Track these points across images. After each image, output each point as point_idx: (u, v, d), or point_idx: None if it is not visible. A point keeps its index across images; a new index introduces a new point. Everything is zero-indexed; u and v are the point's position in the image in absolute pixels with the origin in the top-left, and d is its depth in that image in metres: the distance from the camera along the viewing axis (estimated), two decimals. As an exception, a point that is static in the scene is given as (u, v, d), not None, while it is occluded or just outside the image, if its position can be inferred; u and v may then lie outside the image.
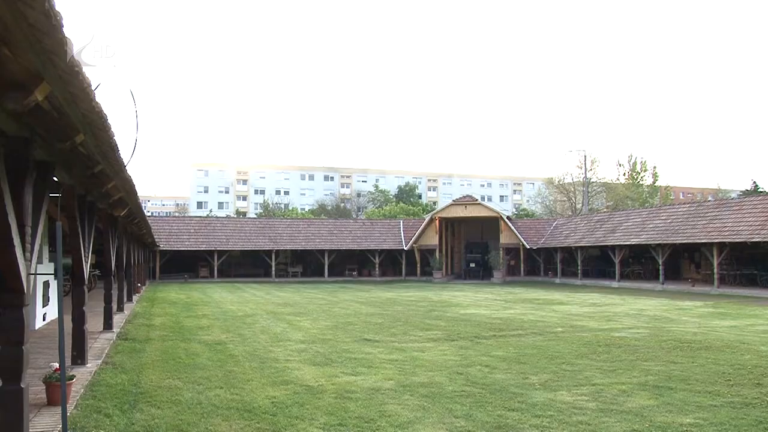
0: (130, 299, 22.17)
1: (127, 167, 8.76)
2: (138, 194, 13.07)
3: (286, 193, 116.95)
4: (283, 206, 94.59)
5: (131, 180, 10.23)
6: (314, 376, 9.48)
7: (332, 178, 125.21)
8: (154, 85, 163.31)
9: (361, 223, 54.57)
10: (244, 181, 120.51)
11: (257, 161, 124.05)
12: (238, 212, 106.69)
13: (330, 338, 14.06)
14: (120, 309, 18.25)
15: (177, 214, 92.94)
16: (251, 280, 44.07)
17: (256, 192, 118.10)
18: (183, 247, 44.39)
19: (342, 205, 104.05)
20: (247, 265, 48.04)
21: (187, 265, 45.43)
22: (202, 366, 10.34)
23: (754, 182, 71.05)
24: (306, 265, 49.16)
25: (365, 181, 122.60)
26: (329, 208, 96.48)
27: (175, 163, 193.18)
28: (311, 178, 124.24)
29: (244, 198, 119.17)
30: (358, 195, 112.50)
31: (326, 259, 46.80)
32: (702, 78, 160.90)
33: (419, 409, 7.53)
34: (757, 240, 28.96)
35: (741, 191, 73.11)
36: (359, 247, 48.27)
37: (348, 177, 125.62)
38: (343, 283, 42.31)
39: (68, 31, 3.37)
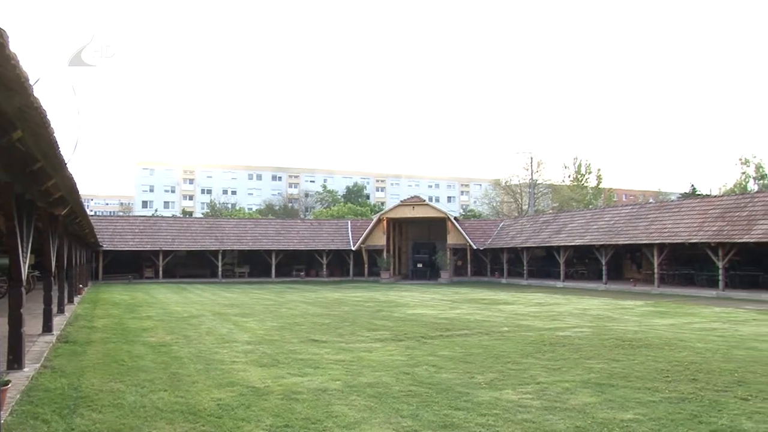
0: (71, 301, 21.66)
1: (68, 165, 8.54)
2: (80, 193, 12.77)
3: (234, 192, 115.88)
4: (230, 206, 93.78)
5: (72, 178, 9.98)
6: (260, 378, 9.40)
7: (280, 178, 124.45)
8: (97, 81, 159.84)
9: (309, 224, 54.42)
10: (191, 181, 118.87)
11: (204, 160, 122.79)
12: (184, 212, 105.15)
13: (277, 339, 13.96)
14: (60, 311, 17.81)
15: (121, 214, 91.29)
16: (197, 281, 43.49)
17: (202, 191, 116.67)
18: (127, 247, 43.60)
19: (290, 205, 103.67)
20: (194, 265, 47.36)
21: (132, 265, 44.61)
22: (146, 368, 10.15)
23: (693, 185, 73.11)
24: (253, 265, 48.71)
25: (313, 181, 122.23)
26: (277, 208, 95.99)
27: (119, 161, 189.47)
28: (259, 177, 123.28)
29: (191, 197, 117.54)
30: (306, 195, 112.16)
31: (273, 259, 46.47)
32: (645, 84, 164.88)
33: (366, 409, 7.52)
34: (695, 241, 29.82)
35: (680, 194, 75.13)
36: (307, 247, 48.08)
37: (296, 177, 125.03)
38: (290, 284, 42.07)
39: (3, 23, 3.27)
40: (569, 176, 77.57)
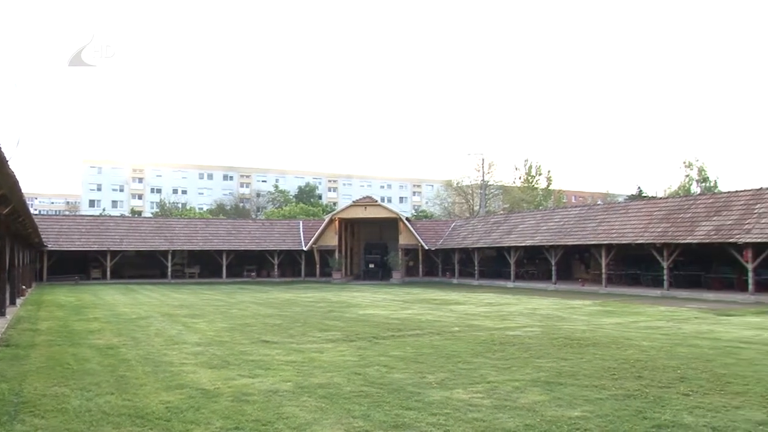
0: (13, 303, 21.09)
1: (9, 162, 8.31)
2: (23, 191, 12.46)
3: (184, 192, 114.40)
4: (180, 205, 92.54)
5: (14, 176, 9.73)
6: (210, 379, 9.28)
7: (231, 178, 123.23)
8: (43, 77, 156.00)
9: (261, 224, 54.05)
10: (140, 179, 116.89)
11: (154, 159, 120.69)
12: (133, 211, 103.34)
13: (227, 340, 13.81)
14: (1, 313, 17.33)
15: (67, 213, 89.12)
16: (146, 282, 42.79)
17: (152, 191, 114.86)
18: (73, 247, 42.66)
19: (241, 205, 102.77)
20: (143, 266, 46.55)
21: (78, 266, 43.66)
22: (92, 372, 9.94)
23: (639, 188, 74.78)
24: (203, 265, 48.11)
25: (265, 181, 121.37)
26: (228, 208, 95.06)
27: (65, 159, 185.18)
28: (210, 177, 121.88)
29: (140, 197, 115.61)
30: (258, 195, 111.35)
31: (224, 259, 46.01)
32: (593, 87, 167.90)
33: (317, 410, 7.49)
34: (641, 242, 30.50)
35: (627, 196, 76.75)
36: (258, 247, 47.73)
37: (247, 177, 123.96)
38: (241, 284, 41.71)
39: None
40: (520, 178, 78.47)
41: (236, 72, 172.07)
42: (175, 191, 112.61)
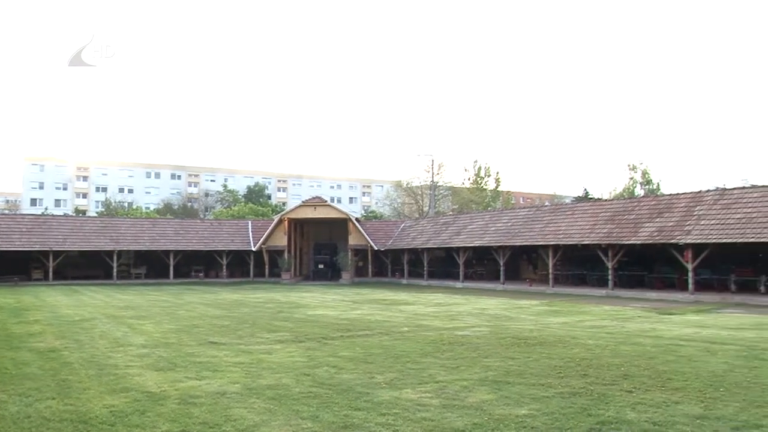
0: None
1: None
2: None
3: (130, 191, 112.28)
4: (126, 205, 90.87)
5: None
6: (156, 382, 9.12)
7: (179, 177, 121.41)
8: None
9: (209, 224, 53.41)
10: (85, 178, 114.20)
11: (99, 157, 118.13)
12: (77, 210, 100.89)
13: (174, 342, 13.60)
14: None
15: (7, 212, 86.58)
16: (91, 283, 41.82)
17: (97, 189, 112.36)
18: (13, 248, 41.43)
19: (189, 204, 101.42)
20: (87, 266, 45.42)
21: (18, 267, 42.36)
22: (32, 376, 9.65)
23: (585, 189, 76.19)
24: (150, 266, 47.26)
25: (214, 181, 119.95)
26: (176, 207, 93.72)
27: (5, 156, 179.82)
28: (157, 176, 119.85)
29: (85, 195, 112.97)
30: (206, 194, 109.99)
31: (172, 260, 45.31)
32: (541, 91, 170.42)
33: (266, 411, 7.43)
34: (587, 242, 31.07)
35: (574, 197, 78.16)
36: (206, 247, 47.14)
37: (196, 176, 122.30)
38: (189, 285, 41.12)
39: None
40: (469, 179, 79.19)
41: (185, 70, 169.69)
42: (121, 190, 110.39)
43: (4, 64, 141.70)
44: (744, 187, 28.95)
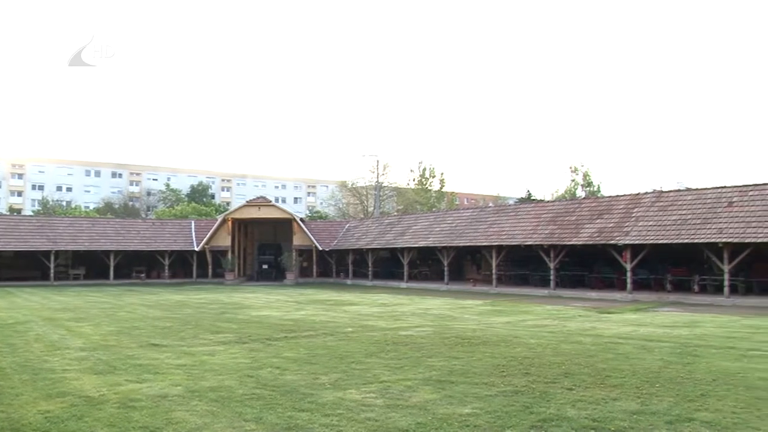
0: None
1: None
2: None
3: (69, 189, 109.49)
4: (64, 204, 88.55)
5: None
6: (95, 386, 8.91)
7: (120, 175, 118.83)
8: None
9: (151, 223, 52.34)
10: (20, 175, 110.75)
11: (36, 154, 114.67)
12: (11, 209, 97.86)
13: (113, 344, 13.31)
14: None
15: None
16: (26, 284, 40.53)
17: (33, 187, 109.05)
18: (-58, 248, 39.94)
19: (130, 203, 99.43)
20: (22, 267, 44.02)
21: (-52, 268, 40.93)
22: (-38, 380, 9.33)
23: (528, 191, 77.55)
24: (89, 267, 46.10)
25: (156, 180, 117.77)
26: (116, 206, 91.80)
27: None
28: (97, 174, 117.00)
29: (20, 194, 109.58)
30: (148, 194, 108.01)
31: (112, 260, 44.28)
32: (484, 93, 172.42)
33: (208, 414, 7.33)
34: (530, 243, 31.54)
35: (517, 198, 79.38)
36: (148, 248, 46.22)
37: (137, 174, 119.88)
38: (129, 286, 40.29)
39: None
40: (414, 179, 79.65)
41: (127, 65, 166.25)
42: (59, 188, 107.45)
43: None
44: (679, 190, 29.93)
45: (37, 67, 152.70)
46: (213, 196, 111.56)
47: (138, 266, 47.35)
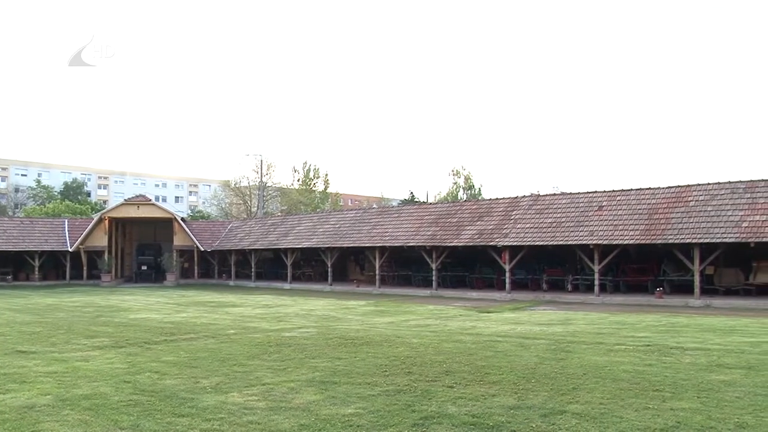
0: None
1: None
2: None
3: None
4: None
5: None
6: (-46, 397, 8.35)
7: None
8: None
9: (19, 222, 49.44)
10: None
11: None
12: None
13: (-25, 352, 12.51)
14: None
15: None
16: None
17: None
18: None
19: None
20: None
21: None
22: None
23: (411, 193, 78.70)
24: (-52, 269, 43.15)
25: (25, 175, 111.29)
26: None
27: None
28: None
29: None
30: (17, 190, 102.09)
31: (-26, 262, 41.60)
32: (369, 94, 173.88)
33: (81, 424, 7.02)
34: (412, 244, 32.08)
35: (401, 200, 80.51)
36: (16, 248, 43.63)
37: (4, 169, 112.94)
38: (-6, 289, 37.98)
39: None
40: (298, 180, 79.40)
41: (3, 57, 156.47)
42: None
43: None
44: (555, 194, 31.37)
45: None
46: (89, 194, 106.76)
47: (4, 268, 44.58)
